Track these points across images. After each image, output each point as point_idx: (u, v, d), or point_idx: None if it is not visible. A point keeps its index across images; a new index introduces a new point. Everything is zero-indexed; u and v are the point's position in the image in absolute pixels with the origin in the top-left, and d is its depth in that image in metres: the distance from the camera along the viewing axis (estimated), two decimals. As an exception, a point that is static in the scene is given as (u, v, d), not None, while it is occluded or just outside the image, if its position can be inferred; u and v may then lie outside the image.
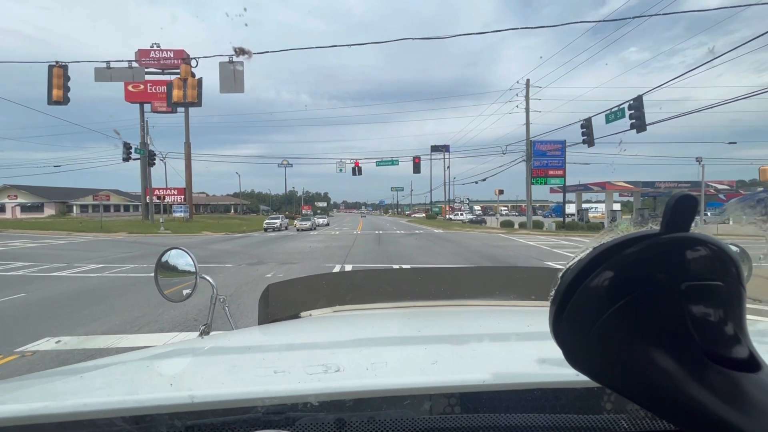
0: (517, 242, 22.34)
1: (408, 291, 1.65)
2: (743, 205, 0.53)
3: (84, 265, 12.95)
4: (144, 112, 40.54)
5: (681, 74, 19.19)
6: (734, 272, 0.36)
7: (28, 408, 0.65)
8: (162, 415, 0.64)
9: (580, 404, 0.67)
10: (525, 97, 30.90)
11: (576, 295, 0.38)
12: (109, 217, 54.48)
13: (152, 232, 31.23)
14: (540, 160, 33.33)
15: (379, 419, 0.64)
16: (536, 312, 1.30)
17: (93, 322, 6.29)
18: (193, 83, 14.74)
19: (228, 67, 11.30)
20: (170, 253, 1.47)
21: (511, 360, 0.87)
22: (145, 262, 13.58)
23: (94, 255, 16.07)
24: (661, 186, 36.46)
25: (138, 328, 5.90)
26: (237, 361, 0.95)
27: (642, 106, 18.08)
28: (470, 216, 59.59)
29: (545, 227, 32.75)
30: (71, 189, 65.06)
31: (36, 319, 6.62)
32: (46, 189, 60.81)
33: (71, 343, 5.27)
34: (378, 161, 37.01)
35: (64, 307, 7.39)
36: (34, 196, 58.72)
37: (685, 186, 37.04)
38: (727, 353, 0.34)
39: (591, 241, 0.41)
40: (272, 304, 1.60)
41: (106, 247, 19.54)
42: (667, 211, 0.37)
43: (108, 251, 17.63)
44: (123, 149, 30.11)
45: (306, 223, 38.50)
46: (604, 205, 39.03)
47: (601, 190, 38.84)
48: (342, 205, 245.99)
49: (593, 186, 39.96)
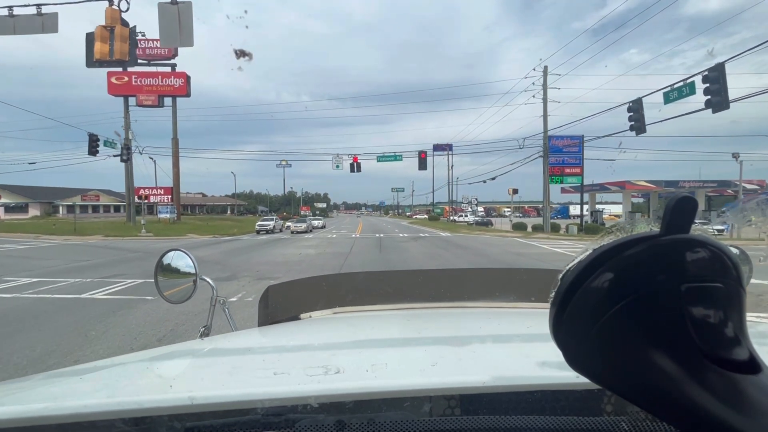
0: (541, 249, 19.55)
1: (408, 292, 1.65)
2: (758, 204, 0.52)
3: (15, 280, 10.28)
4: (128, 106, 37.79)
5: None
6: (734, 274, 0.36)
7: (27, 410, 0.65)
8: (162, 416, 0.64)
9: (581, 406, 0.68)
10: (542, 86, 28.00)
11: (576, 296, 0.38)
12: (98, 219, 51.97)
13: (131, 234, 28.60)
14: (555, 157, 30.53)
15: (379, 421, 0.64)
16: (536, 313, 1.30)
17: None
18: (124, 34, 11.31)
19: (169, 10, 8.16)
20: (170, 254, 1.47)
21: (511, 361, 0.87)
22: (99, 274, 11.04)
23: (45, 264, 13.57)
24: (685, 186, 33.82)
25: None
26: (237, 363, 0.96)
27: (723, 78, 14.73)
28: (474, 217, 56.86)
29: (562, 230, 29.91)
30: (58, 189, 62.38)
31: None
32: (31, 189, 58.10)
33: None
34: (379, 156, 34.19)
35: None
36: (17, 196, 55.98)
37: (711, 185, 34.46)
38: (727, 355, 0.34)
39: (591, 243, 0.41)
40: (272, 305, 1.59)
41: (67, 254, 17.16)
42: (667, 212, 0.37)
43: (64, 259, 15.14)
44: (89, 142, 27.06)
45: (301, 225, 35.60)
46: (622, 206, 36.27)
47: (619, 190, 36.22)
48: (342, 206, 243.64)
49: (610, 186, 37.32)
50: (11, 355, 4.83)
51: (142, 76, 38.84)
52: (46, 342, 5.26)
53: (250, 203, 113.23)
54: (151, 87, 38.69)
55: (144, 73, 39.01)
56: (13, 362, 4.60)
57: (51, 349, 5.00)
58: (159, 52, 38.69)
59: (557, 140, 30.36)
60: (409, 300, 1.57)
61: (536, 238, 25.77)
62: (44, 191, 59.75)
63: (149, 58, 38.88)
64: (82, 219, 51.83)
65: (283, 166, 69.86)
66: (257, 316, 1.64)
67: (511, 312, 1.50)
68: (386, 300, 1.59)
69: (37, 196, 57.72)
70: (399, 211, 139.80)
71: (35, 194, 57.89)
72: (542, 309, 1.01)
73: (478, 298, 1.60)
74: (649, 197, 37.91)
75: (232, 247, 20.42)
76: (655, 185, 33.63)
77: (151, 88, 38.64)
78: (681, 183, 33.66)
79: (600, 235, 0.42)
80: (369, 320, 1.43)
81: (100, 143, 27.85)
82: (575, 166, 31.79)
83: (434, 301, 1.57)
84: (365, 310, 1.55)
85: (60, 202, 58.10)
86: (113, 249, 19.63)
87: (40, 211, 55.80)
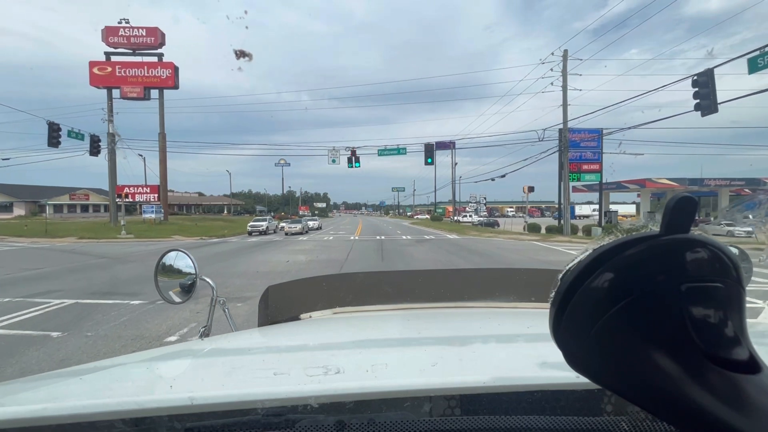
0: (570, 255, 16.88)
1: (408, 293, 1.65)
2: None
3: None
4: (112, 99, 35.24)
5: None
6: (734, 274, 0.36)
7: (27, 410, 0.66)
8: (162, 417, 0.64)
9: (581, 406, 0.68)
10: (561, 72, 25.35)
11: (576, 296, 0.38)
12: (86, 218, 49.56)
13: (109, 236, 26.15)
14: (572, 152, 27.96)
15: (379, 421, 0.65)
16: (536, 314, 1.30)
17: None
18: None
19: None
20: (170, 255, 1.48)
21: (511, 362, 0.87)
22: (26, 291, 8.61)
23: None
24: (711, 184, 31.32)
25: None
26: (237, 363, 0.95)
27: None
28: (479, 218, 54.31)
29: (579, 232, 27.31)
30: (45, 187, 59.90)
31: None
32: (17, 187, 55.65)
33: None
34: (380, 150, 31.39)
35: None
36: (1, 195, 53.44)
37: (739, 183, 31.95)
38: (727, 355, 0.34)
39: (591, 243, 0.41)
40: (272, 305, 1.59)
41: (18, 260, 14.85)
42: (667, 212, 0.37)
43: (8, 267, 12.70)
44: (48, 132, 23.95)
45: (296, 226, 32.88)
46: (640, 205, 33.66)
47: (639, 188, 33.69)
48: (342, 206, 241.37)
49: (628, 183, 34.80)
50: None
51: (126, 67, 36.21)
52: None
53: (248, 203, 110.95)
54: (136, 78, 36.01)
55: (128, 63, 36.40)
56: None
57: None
58: (144, 41, 36.16)
59: (575, 134, 27.76)
60: (409, 300, 1.57)
61: (557, 241, 23.06)
62: (30, 190, 57.30)
63: (134, 47, 36.33)
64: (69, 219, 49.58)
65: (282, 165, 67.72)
66: (257, 316, 1.63)
67: (511, 312, 1.49)
68: (386, 300, 1.58)
69: (22, 195, 55.25)
70: (400, 211, 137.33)
71: (20, 193, 55.42)
72: (542, 309, 1.01)
73: (478, 299, 1.60)
74: (659, 197, 35.40)
75: (213, 252, 17.94)
76: (678, 183, 31.10)
77: (136, 80, 35.96)
78: (706, 181, 31.17)
79: (601, 235, 0.41)
80: (369, 320, 1.43)
81: (62, 134, 24.62)
82: (593, 162, 29.21)
83: (434, 301, 1.58)
84: (365, 310, 1.55)
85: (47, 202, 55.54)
86: (78, 254, 17.20)
87: (26, 211, 53.35)
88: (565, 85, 25.42)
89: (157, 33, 36.33)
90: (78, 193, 62.43)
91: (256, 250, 18.81)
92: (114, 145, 32.21)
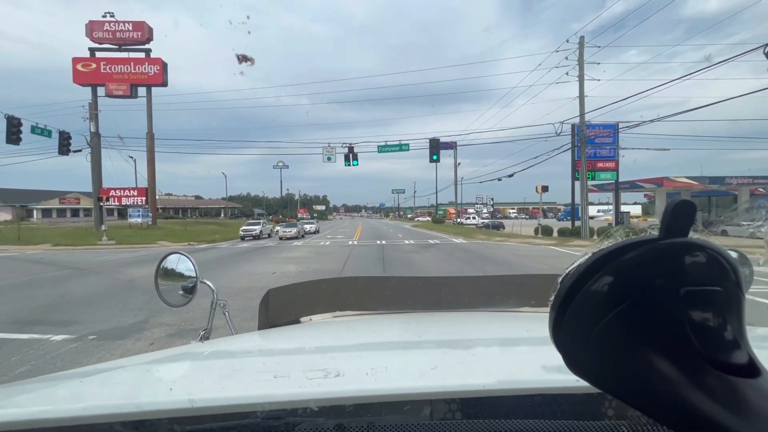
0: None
1: (408, 298, 1.65)
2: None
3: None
4: (97, 97, 33.33)
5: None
6: (733, 277, 0.36)
7: (27, 413, 0.66)
8: (162, 419, 0.64)
9: (581, 410, 0.68)
10: (578, 61, 23.36)
11: (575, 300, 0.38)
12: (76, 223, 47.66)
13: (88, 243, 24.20)
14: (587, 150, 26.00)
15: (379, 424, 0.65)
16: (536, 317, 1.30)
17: None
18: None
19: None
20: (171, 258, 1.48)
21: (511, 365, 0.87)
22: None
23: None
24: (732, 182, 29.33)
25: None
26: (237, 366, 0.95)
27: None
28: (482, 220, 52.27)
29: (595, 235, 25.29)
30: (33, 191, 58.02)
31: None
32: (3, 191, 53.64)
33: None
34: (381, 146, 29.21)
35: None
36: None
37: (763, 182, 30.03)
38: (726, 358, 0.34)
39: (590, 246, 0.41)
40: (272, 309, 1.59)
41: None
42: (666, 216, 0.37)
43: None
44: (7, 127, 21.31)
45: (291, 230, 30.91)
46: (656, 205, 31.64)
47: (655, 187, 31.71)
48: (342, 209, 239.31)
49: (643, 183, 32.83)
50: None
51: (111, 63, 34.25)
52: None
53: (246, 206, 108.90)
54: (122, 75, 34.01)
55: (114, 59, 34.47)
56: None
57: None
58: (131, 36, 34.24)
59: (589, 129, 25.79)
60: (409, 306, 1.57)
61: (577, 246, 20.88)
62: (17, 194, 55.39)
63: (120, 42, 34.39)
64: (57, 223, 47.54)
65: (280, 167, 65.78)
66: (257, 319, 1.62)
67: (511, 316, 1.49)
68: (386, 306, 1.59)
69: (8, 198, 53.32)
70: (400, 213, 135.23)
71: (6, 197, 53.45)
72: (542, 313, 1.00)
73: (478, 305, 1.59)
74: (673, 197, 33.13)
75: (196, 260, 15.98)
76: (697, 182, 29.15)
77: (122, 76, 33.97)
78: (728, 179, 29.20)
79: (601, 238, 0.42)
80: (369, 324, 1.43)
81: (19, 129, 21.94)
82: (609, 160, 27.26)
83: (434, 306, 1.57)
84: (365, 314, 1.54)
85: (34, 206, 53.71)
86: (42, 264, 15.29)
87: (12, 215, 51.31)
88: (581, 75, 23.42)
89: (144, 27, 34.40)
90: (68, 197, 60.49)
91: (243, 259, 16.85)
92: (98, 144, 30.23)
